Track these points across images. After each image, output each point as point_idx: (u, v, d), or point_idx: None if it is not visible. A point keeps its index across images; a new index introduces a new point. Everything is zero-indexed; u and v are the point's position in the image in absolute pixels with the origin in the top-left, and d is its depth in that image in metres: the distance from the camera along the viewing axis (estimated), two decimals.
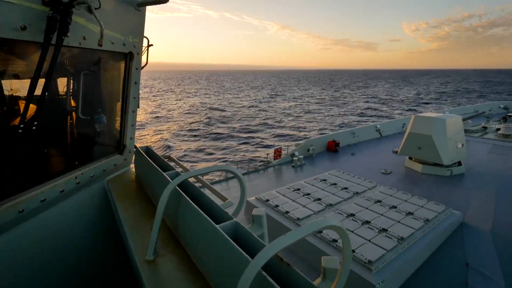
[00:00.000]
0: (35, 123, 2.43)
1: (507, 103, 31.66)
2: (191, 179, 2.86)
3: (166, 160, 3.69)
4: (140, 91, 4.37)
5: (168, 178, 2.80)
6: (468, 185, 11.75)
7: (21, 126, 2.30)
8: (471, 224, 8.68)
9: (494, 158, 15.12)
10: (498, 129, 20.02)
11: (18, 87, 2.80)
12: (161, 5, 3.39)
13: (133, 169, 4.45)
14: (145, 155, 3.74)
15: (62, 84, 3.63)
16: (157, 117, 48.07)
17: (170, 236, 2.70)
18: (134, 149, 4.35)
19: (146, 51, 4.07)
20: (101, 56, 3.64)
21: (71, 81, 3.71)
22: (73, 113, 3.79)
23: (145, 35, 3.92)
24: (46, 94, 2.42)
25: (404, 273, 6.40)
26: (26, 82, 2.37)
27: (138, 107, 4.29)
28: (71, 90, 3.75)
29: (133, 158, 4.41)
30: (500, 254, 7.21)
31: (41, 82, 2.35)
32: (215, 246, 1.94)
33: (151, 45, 4.08)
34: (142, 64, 4.13)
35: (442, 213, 8.19)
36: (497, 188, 11.30)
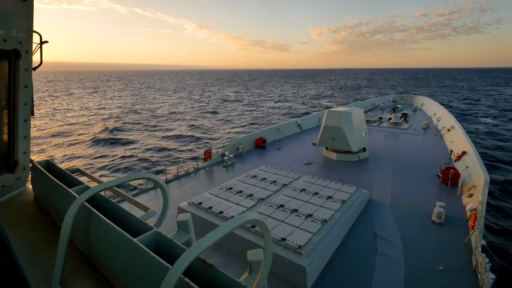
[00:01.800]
0: None
1: (394, 96, 38.87)
2: (107, 192, 2.57)
3: (74, 174, 3.20)
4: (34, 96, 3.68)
5: (75, 194, 2.46)
6: (372, 167, 13.97)
7: None
8: (376, 200, 10.34)
9: (389, 143, 18.39)
10: (390, 119, 24.45)
11: None
12: None
13: (31, 189, 3.73)
14: (44, 171, 3.17)
15: None
16: (56, 126, 41.25)
17: (82, 260, 2.38)
18: (30, 165, 3.65)
19: (39, 49, 3.45)
20: None
21: None
22: None
23: (36, 30, 3.31)
24: None
25: (329, 250, 7.20)
26: None
27: (33, 115, 3.60)
28: None
29: (30, 176, 3.70)
30: (397, 221, 8.82)
31: None
32: (134, 261, 1.80)
33: (46, 42, 3.47)
34: (35, 64, 3.48)
35: (354, 193, 9.51)
36: (392, 167, 13.77)
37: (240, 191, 9.63)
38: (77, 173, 3.49)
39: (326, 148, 16.03)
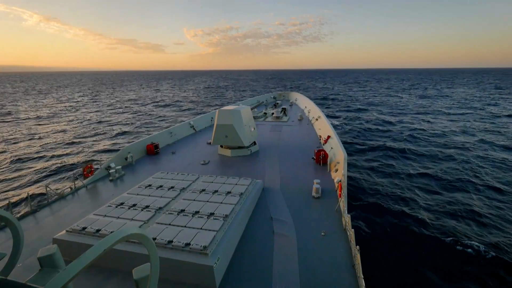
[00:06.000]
0: None
1: (274, 94, 43.83)
2: None
3: None
4: None
5: None
6: (262, 158, 15.40)
7: None
8: (269, 187, 11.49)
9: (273, 135, 20.67)
10: (273, 113, 27.49)
11: None
12: None
13: None
14: None
15: None
16: None
17: None
18: None
19: None
20: None
21: None
22: None
23: None
24: None
25: (233, 244, 7.54)
26: None
27: None
28: None
29: None
30: (287, 203, 10.10)
31: None
32: None
33: None
34: None
35: (250, 185, 10.26)
36: (278, 156, 15.59)
37: (134, 205, 8.76)
38: None
39: (221, 146, 16.54)
